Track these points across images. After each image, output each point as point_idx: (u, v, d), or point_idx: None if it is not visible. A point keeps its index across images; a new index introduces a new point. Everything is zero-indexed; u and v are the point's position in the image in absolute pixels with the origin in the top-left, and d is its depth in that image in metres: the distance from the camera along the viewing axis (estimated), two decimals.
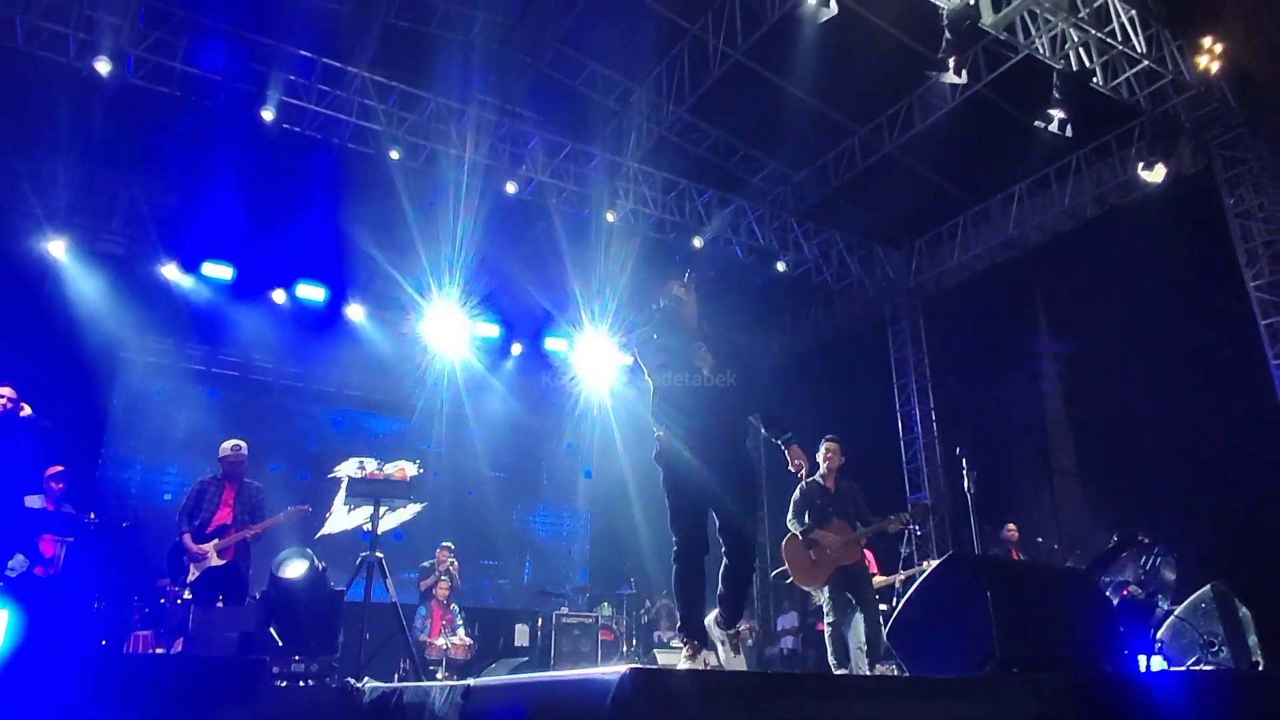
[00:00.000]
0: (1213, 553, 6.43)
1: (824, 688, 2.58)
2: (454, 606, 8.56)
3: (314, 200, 10.00)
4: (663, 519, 3.92)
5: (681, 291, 4.22)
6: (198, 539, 6.10)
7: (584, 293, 11.10)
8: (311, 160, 9.59)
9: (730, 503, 3.79)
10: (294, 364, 11.60)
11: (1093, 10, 8.13)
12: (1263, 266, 8.81)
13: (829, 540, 6.04)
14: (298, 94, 8.95)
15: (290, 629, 5.24)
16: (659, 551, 11.95)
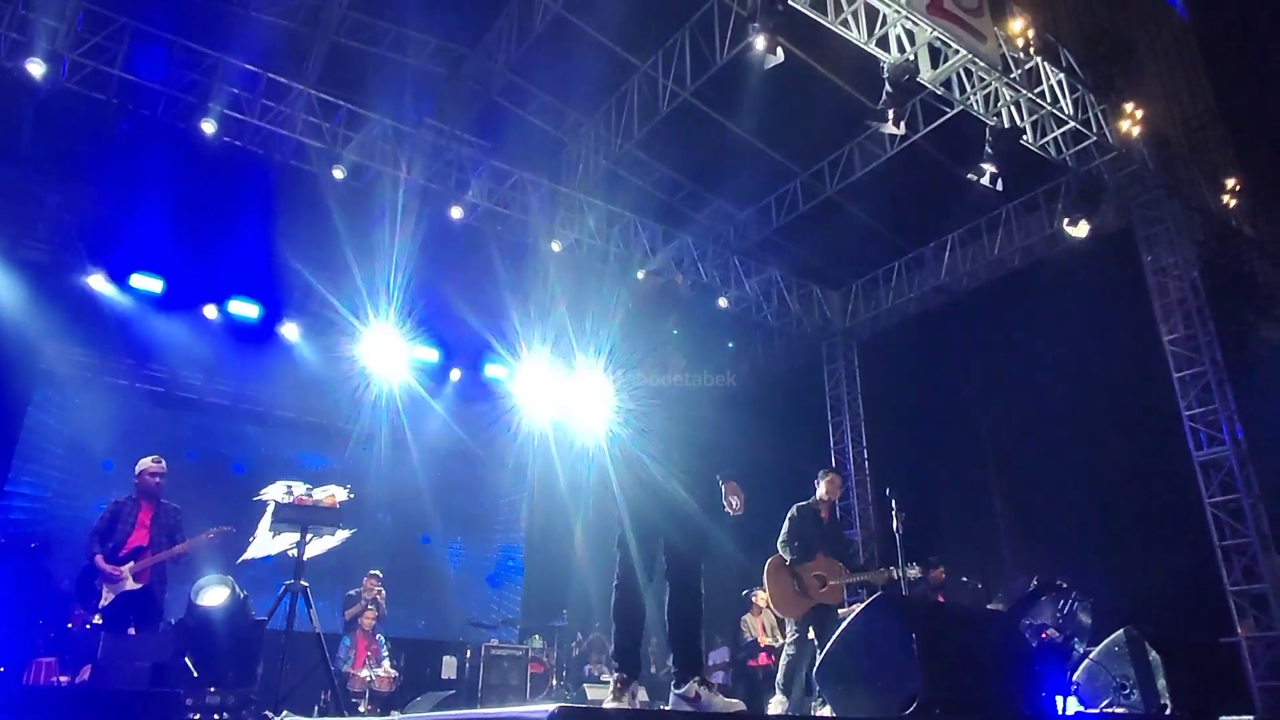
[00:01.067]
0: (1126, 598, 6.67)
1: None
2: (380, 637, 8.34)
3: (251, 216, 9.78)
4: (601, 550, 3.79)
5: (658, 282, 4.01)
6: (111, 561, 5.84)
7: (524, 321, 11.06)
8: (250, 175, 9.40)
9: (685, 525, 3.49)
10: (223, 382, 11.25)
11: (1024, 71, 8.52)
12: (1177, 322, 9.26)
13: (819, 576, 5.87)
14: (240, 108, 8.79)
15: (207, 659, 5.04)
16: (594, 583, 11.85)
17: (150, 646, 5.19)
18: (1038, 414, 10.29)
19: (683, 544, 3.48)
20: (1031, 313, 10.54)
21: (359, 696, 7.64)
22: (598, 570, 11.95)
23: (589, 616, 11.22)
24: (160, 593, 6.01)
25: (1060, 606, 4.48)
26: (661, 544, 3.52)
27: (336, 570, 9.23)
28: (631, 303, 3.92)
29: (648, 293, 4.02)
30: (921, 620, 3.10)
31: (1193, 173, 10.57)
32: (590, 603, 11.78)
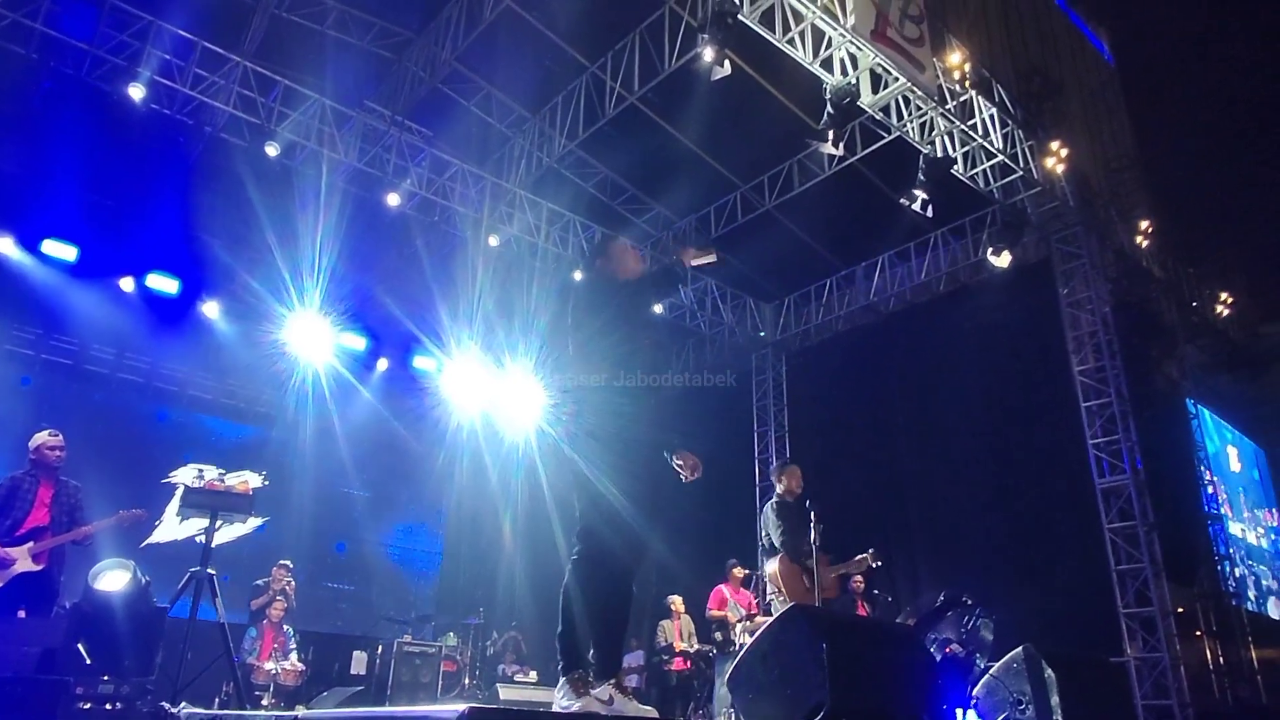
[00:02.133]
0: (1027, 616, 6.95)
1: None
2: (288, 629, 8.12)
3: (176, 187, 9.43)
4: (532, 548, 3.68)
5: (632, 260, 3.78)
6: (6, 542, 5.54)
7: (457, 314, 10.92)
8: (178, 146, 9.07)
9: (638, 520, 3.35)
10: (136, 358, 10.81)
11: (959, 103, 8.81)
12: (1087, 354, 9.68)
13: (819, 571, 5.74)
14: (171, 75, 8.47)
15: (103, 646, 4.82)
16: (521, 581, 11.77)
17: (40, 631, 4.94)
18: (953, 434, 10.64)
19: (622, 546, 3.35)
20: (952, 336, 10.90)
21: (263, 689, 7.43)
22: (527, 568, 11.87)
23: (506, 615, 11.14)
24: (58, 575, 5.72)
25: (965, 622, 4.65)
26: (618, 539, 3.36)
27: (248, 558, 8.96)
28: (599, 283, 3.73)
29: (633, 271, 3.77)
30: (832, 632, 3.18)
31: (1110, 212, 11.09)
32: (511, 601, 11.70)
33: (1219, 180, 18.25)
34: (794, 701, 3.06)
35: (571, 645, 3.26)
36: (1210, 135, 19.35)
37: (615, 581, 3.37)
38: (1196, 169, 17.55)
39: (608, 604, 3.34)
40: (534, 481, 11.95)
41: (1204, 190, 17.90)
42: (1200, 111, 19.38)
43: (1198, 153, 18.30)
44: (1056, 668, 3.96)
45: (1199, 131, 19.06)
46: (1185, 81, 18.53)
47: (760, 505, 12.30)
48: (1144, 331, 11.54)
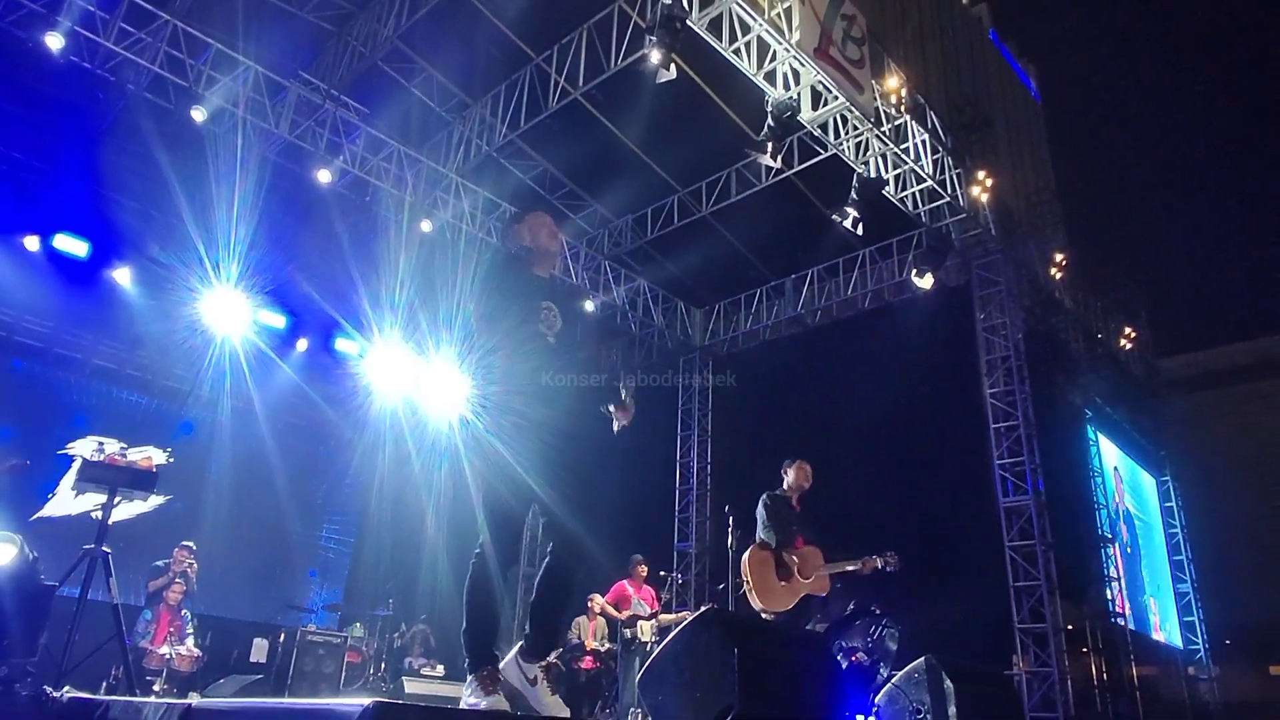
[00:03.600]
0: (930, 628, 7.18)
1: None
2: (185, 613, 7.80)
3: (93, 146, 8.97)
4: (451, 539, 3.56)
5: (546, 234, 3.62)
6: None
7: (382, 299, 10.65)
8: (97, 103, 8.63)
9: (562, 500, 3.25)
10: (37, 321, 10.21)
11: (894, 127, 9.06)
12: (998, 377, 10.08)
13: (803, 565, 5.57)
14: (95, 28, 8.03)
15: None
16: (435, 574, 11.54)
17: None
18: (868, 448, 10.91)
19: (566, 504, 3.26)
20: (873, 353, 11.19)
21: (155, 675, 7.12)
22: (448, 560, 11.64)
23: (422, 607, 10.94)
24: None
25: (872, 632, 4.78)
26: (534, 507, 3.29)
27: (149, 538, 8.57)
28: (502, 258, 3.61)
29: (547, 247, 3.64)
30: (744, 636, 3.22)
31: (1028, 243, 11.57)
32: (432, 592, 11.46)
33: (1129, 220, 19.23)
34: (703, 704, 3.09)
35: (478, 642, 3.16)
36: (1124, 177, 20.36)
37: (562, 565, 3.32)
38: (1110, 208, 18.45)
39: (549, 588, 3.30)
40: (458, 473, 11.76)
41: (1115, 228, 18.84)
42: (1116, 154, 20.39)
43: (1111, 192, 19.24)
44: (955, 679, 4.11)
45: (1114, 172, 20.05)
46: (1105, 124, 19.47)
47: (679, 509, 12.49)
48: (1052, 359, 12.08)
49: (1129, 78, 19.32)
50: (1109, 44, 19.25)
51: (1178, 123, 20.38)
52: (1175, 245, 20.46)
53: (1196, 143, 20.89)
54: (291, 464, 11.50)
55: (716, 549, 11.80)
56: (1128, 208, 19.17)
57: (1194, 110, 20.49)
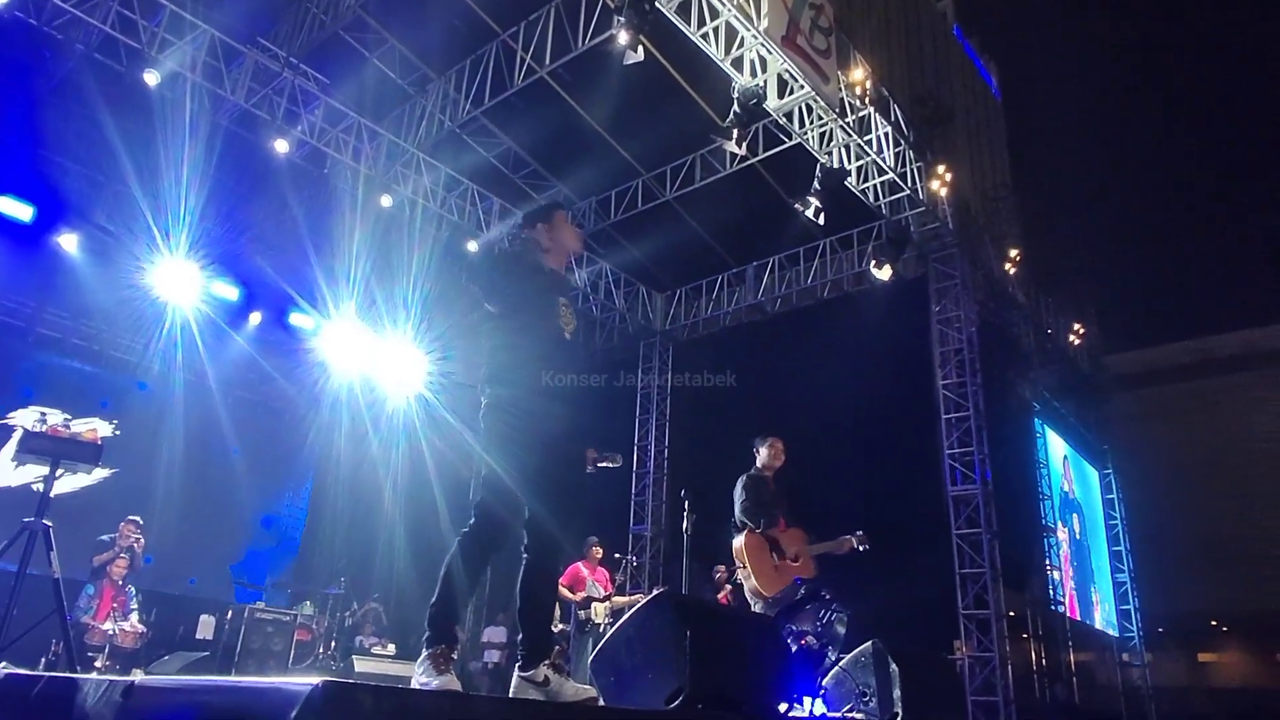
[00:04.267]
0: (878, 612, 7.33)
1: (516, 712, 2.62)
2: (130, 588, 7.65)
3: (38, 106, 8.65)
4: (408, 517, 3.51)
5: (570, 234, 3.64)
6: None
7: (338, 273, 10.46)
8: (44, 62, 8.32)
9: (556, 496, 3.24)
10: None
11: (858, 118, 9.13)
12: (951, 369, 10.26)
13: (791, 549, 5.51)
14: None
15: None
16: (392, 552, 11.44)
17: None
18: (823, 435, 11.04)
19: (552, 522, 3.24)
20: (830, 342, 11.33)
21: (97, 651, 6.97)
22: (405, 538, 11.55)
23: (376, 585, 10.85)
24: None
25: (821, 616, 4.87)
26: (519, 519, 3.25)
27: (95, 511, 8.36)
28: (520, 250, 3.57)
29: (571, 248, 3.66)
30: (697, 620, 3.26)
31: (983, 238, 11.77)
32: (389, 571, 11.37)
33: (1082, 219, 19.67)
34: (655, 685, 3.12)
35: (442, 618, 3.12)
36: (1078, 177, 20.80)
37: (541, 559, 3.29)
38: (1063, 207, 18.85)
39: (529, 585, 3.28)
40: (415, 450, 11.67)
41: (1068, 227, 19.26)
42: (1072, 154, 20.81)
43: (1066, 191, 19.64)
44: (900, 663, 4.21)
45: (1069, 172, 20.46)
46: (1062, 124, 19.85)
47: (635, 492, 12.53)
48: (1003, 353, 12.34)
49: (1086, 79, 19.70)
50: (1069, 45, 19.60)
51: (1132, 125, 20.85)
52: (1125, 245, 20.99)
53: (1149, 145, 21.43)
54: (244, 439, 11.29)
55: (672, 533, 11.89)
56: (1081, 207, 19.61)
57: (1148, 113, 21.00)
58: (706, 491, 7.44)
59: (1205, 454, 22.74)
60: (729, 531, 5.68)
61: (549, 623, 3.38)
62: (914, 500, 10.09)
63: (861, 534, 5.65)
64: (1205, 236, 21.75)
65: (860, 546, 5.64)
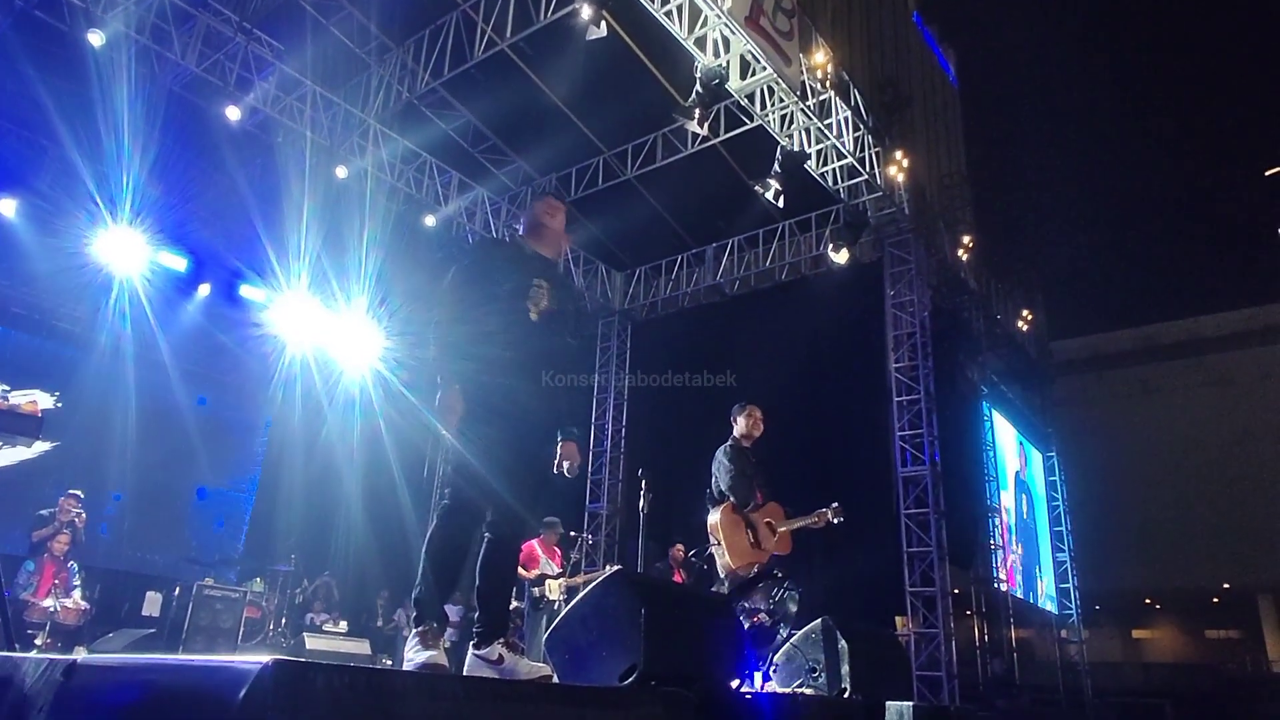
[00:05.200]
0: (828, 590, 7.48)
1: (468, 690, 2.63)
2: (72, 564, 7.47)
3: None
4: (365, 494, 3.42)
5: (554, 210, 3.55)
6: None
7: (290, 245, 10.21)
8: None
9: (522, 473, 3.24)
10: None
11: (818, 102, 9.18)
12: (904, 352, 10.44)
13: (769, 524, 5.36)
14: None
15: None
16: (349, 528, 11.31)
17: None
18: (776, 415, 11.14)
19: (515, 500, 3.22)
20: (787, 323, 11.43)
21: (37, 628, 6.81)
22: (362, 514, 11.42)
23: (318, 563, 10.73)
24: None
25: (773, 594, 4.95)
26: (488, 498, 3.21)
27: (33, 485, 8.14)
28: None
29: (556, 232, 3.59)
30: (652, 598, 3.29)
31: (938, 224, 11.95)
32: (346, 547, 11.25)
33: (1033, 207, 20.05)
34: (609, 663, 3.16)
35: (427, 599, 3.13)
36: (1031, 165, 21.17)
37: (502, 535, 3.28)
38: (1015, 194, 19.18)
39: (490, 560, 3.25)
40: (371, 425, 11.51)
41: (1019, 214, 19.61)
42: (1025, 142, 21.16)
43: (1018, 180, 19.98)
44: (849, 639, 4.30)
45: (1022, 160, 20.82)
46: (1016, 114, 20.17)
47: (591, 471, 12.55)
48: (954, 337, 12.58)
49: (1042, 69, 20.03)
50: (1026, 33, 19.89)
51: (1085, 114, 21.25)
52: (1074, 234, 21.47)
53: (1100, 134, 21.89)
54: (191, 413, 11.03)
55: (628, 510, 11.96)
56: (1032, 196, 19.99)
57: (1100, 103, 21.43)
58: (663, 470, 7.47)
59: (1144, 439, 23.52)
60: (705, 506, 5.53)
61: (508, 602, 3.38)
62: (864, 480, 10.26)
63: (838, 506, 5.52)
64: (1152, 225, 22.35)
65: (835, 519, 5.51)
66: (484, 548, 3.27)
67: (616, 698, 2.96)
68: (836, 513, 5.52)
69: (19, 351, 10.06)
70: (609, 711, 2.85)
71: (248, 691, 1.90)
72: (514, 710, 2.63)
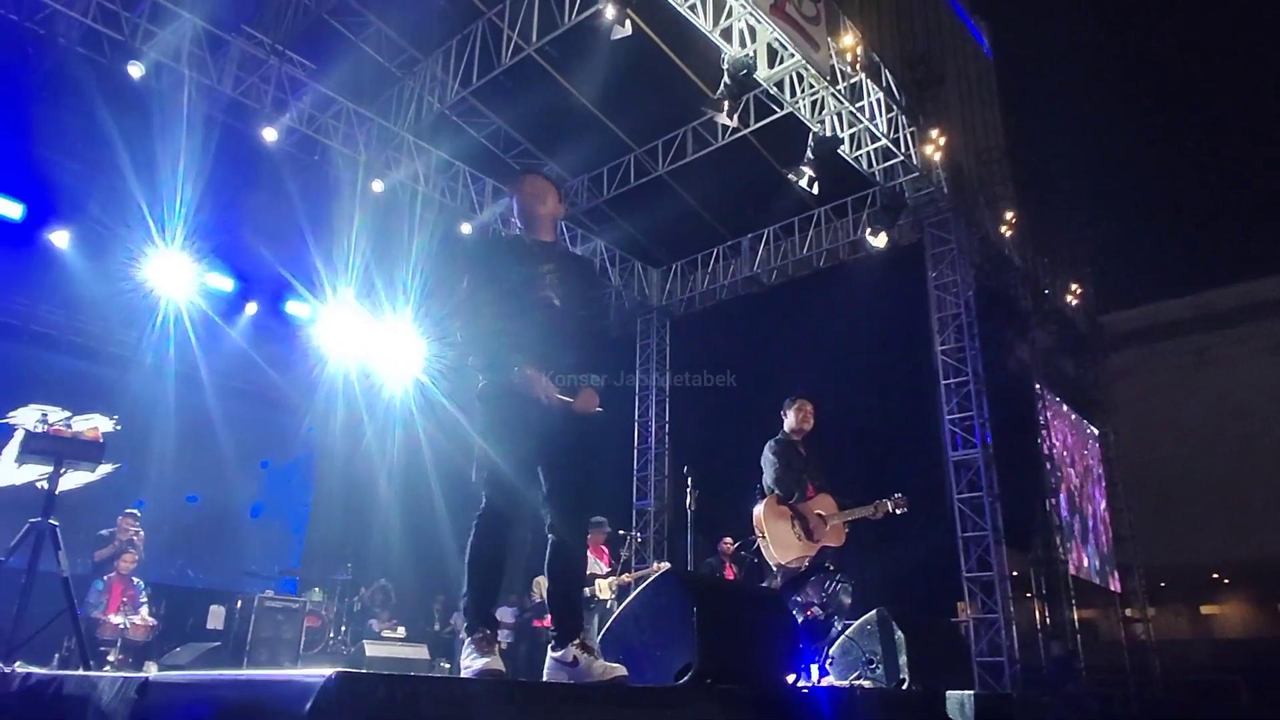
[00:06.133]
0: (882, 580, 7.41)
1: (526, 694, 2.66)
2: (138, 581, 7.70)
3: (23, 103, 8.54)
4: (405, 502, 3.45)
5: (541, 192, 3.47)
6: None
7: (334, 260, 10.43)
8: (26, 58, 8.21)
9: (565, 465, 3.20)
10: None
11: (849, 85, 9.06)
12: (950, 334, 10.27)
13: (820, 515, 5.27)
14: None
15: None
16: (389, 536, 11.52)
17: None
18: (822, 405, 11.06)
19: (569, 469, 3.20)
20: (827, 311, 11.32)
21: (109, 645, 7.04)
22: (402, 522, 11.65)
23: (374, 571, 10.93)
24: None
25: (826, 587, 4.91)
26: (537, 471, 3.19)
27: (96, 505, 8.37)
28: None
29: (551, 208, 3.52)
30: (703, 595, 3.29)
31: (978, 201, 11.72)
32: (385, 555, 11.46)
33: (1077, 177, 19.57)
34: (664, 662, 3.17)
35: (477, 604, 3.11)
36: (1071, 133, 20.67)
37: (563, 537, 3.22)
38: (1058, 165, 18.75)
39: (555, 563, 3.21)
40: (411, 434, 11.72)
41: (1063, 185, 19.17)
42: (1065, 110, 20.67)
43: (1060, 150, 19.52)
44: (906, 629, 4.26)
45: (1062, 129, 20.34)
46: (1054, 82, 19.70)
47: (637, 468, 12.59)
48: (1000, 316, 12.34)
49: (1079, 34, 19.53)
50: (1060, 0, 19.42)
51: (1128, 79, 20.65)
52: (1121, 202, 20.89)
53: (1145, 99, 21.25)
54: (241, 429, 11.30)
55: (675, 507, 11.96)
56: (1076, 166, 19.49)
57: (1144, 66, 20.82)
58: (709, 465, 7.44)
59: (1203, 409, 22.79)
60: (753, 499, 5.45)
61: (577, 602, 3.32)
62: (915, 467, 10.12)
63: (900, 496, 5.35)
64: (1202, 188, 21.65)
65: (897, 510, 5.33)
66: (547, 552, 3.23)
67: (673, 697, 2.97)
68: (898, 504, 5.36)
69: (78, 378, 10.39)
70: (666, 711, 2.86)
71: (313, 704, 1.95)
72: (572, 713, 2.66)
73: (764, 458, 5.54)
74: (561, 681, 3.04)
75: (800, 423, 5.65)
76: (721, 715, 2.87)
